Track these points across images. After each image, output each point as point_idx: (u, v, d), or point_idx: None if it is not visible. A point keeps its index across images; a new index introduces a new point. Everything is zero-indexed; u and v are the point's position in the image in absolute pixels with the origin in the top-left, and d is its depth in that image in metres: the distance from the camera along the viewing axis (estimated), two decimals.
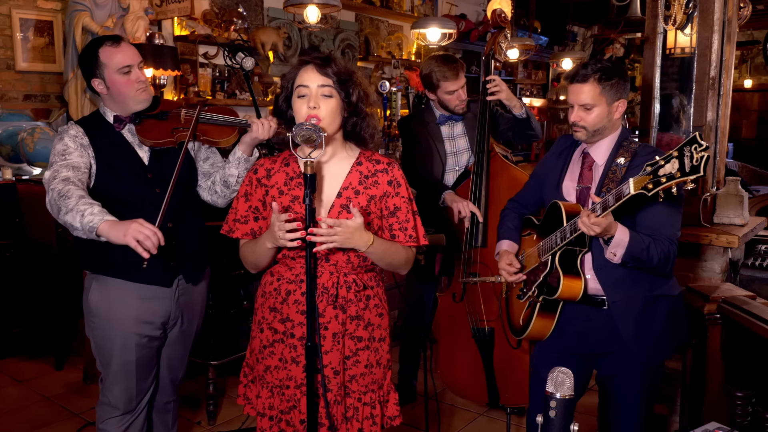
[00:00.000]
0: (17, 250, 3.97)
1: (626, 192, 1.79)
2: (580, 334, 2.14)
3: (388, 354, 1.98)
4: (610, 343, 2.09)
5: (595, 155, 2.13)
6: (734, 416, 2.27)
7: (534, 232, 2.28)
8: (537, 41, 7.61)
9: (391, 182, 1.91)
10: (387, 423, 1.96)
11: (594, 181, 2.12)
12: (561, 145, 2.30)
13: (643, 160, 2.01)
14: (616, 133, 2.12)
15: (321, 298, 1.84)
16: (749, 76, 10.29)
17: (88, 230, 1.87)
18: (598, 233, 1.88)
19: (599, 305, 2.09)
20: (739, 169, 7.13)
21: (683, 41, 3.21)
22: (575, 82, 2.07)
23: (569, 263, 2.05)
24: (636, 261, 1.95)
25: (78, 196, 1.94)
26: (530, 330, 2.19)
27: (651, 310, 2.07)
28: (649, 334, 2.07)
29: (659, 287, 2.08)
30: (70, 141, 2.13)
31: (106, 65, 2.14)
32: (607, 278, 2.05)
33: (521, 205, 2.42)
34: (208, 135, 2.28)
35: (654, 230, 1.98)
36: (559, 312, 2.16)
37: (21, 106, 4.34)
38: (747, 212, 3.08)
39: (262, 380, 1.94)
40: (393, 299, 3.02)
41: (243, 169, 2.31)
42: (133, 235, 1.83)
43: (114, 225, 1.86)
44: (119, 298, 2.17)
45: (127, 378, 2.22)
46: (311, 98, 1.81)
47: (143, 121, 2.22)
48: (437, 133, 3.21)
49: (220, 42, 4.98)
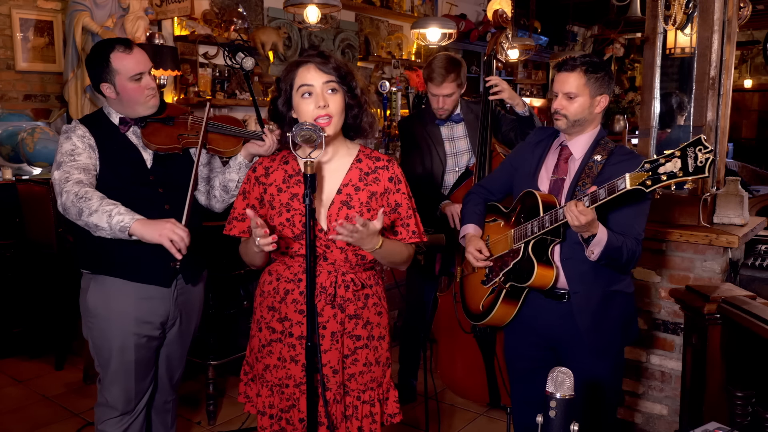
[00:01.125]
0: (17, 250, 3.97)
1: (621, 186, 1.84)
2: (543, 326, 2.21)
3: (388, 352, 1.98)
4: (571, 334, 2.16)
5: (573, 148, 2.18)
6: (734, 416, 2.27)
7: (501, 219, 2.31)
8: (537, 41, 7.61)
9: (392, 179, 1.92)
10: (387, 420, 1.96)
11: (569, 174, 2.16)
12: (538, 137, 2.33)
13: (620, 159, 2.11)
14: (595, 130, 2.18)
15: (319, 298, 1.84)
16: (749, 76, 10.29)
17: (119, 230, 1.91)
18: (582, 224, 1.91)
19: (560, 298, 2.16)
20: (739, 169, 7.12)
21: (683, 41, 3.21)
22: (563, 71, 2.14)
23: (541, 252, 2.10)
24: (609, 259, 2.02)
25: (99, 197, 1.97)
26: (492, 316, 2.24)
27: (607, 304, 2.15)
28: (603, 327, 2.15)
29: (617, 283, 2.16)
30: (78, 141, 2.12)
31: (118, 71, 2.12)
32: (572, 270, 2.12)
33: (488, 191, 2.44)
34: (214, 144, 2.28)
35: (624, 229, 2.05)
36: (521, 301, 2.21)
37: (21, 106, 4.34)
38: (747, 212, 3.08)
39: (261, 379, 1.94)
40: (393, 299, 3.03)
41: (243, 173, 2.32)
42: (168, 236, 1.88)
43: (147, 224, 1.91)
44: (118, 298, 2.16)
45: (125, 378, 2.22)
46: (319, 97, 1.79)
47: (149, 124, 2.22)
48: (437, 134, 3.20)
49: (220, 42, 4.98)
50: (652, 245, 2.98)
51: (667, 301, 2.95)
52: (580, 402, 2.29)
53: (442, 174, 3.20)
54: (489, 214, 2.40)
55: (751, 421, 2.23)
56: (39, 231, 3.78)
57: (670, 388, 3.00)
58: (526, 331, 2.26)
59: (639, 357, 3.08)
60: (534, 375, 2.25)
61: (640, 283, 3.05)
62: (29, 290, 3.98)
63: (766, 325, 2.15)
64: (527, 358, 2.29)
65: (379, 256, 1.85)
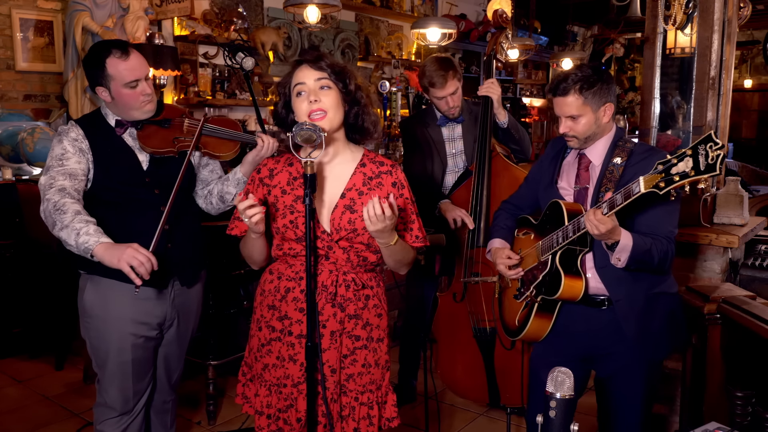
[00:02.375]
0: (17, 250, 3.97)
1: (636, 191, 1.78)
2: (579, 334, 2.14)
3: (387, 355, 1.97)
4: (612, 344, 2.09)
5: (592, 156, 2.13)
6: (734, 416, 2.27)
7: (531, 232, 2.27)
8: (537, 41, 7.61)
9: (396, 183, 1.92)
10: (385, 424, 1.95)
11: (591, 182, 2.12)
12: (554, 148, 2.30)
13: (639, 158, 2.03)
14: (610, 133, 2.13)
15: (320, 296, 1.84)
16: (749, 76, 10.29)
17: (83, 251, 1.90)
18: (602, 233, 1.86)
19: (599, 305, 2.09)
20: (739, 169, 7.13)
21: (683, 41, 3.21)
22: (558, 95, 2.08)
23: (570, 263, 2.05)
24: (639, 263, 1.96)
25: (74, 212, 1.95)
26: (527, 330, 2.18)
27: (652, 307, 2.07)
28: (650, 331, 2.07)
29: (659, 285, 2.09)
30: (68, 145, 2.11)
31: (113, 77, 2.10)
32: (610, 277, 2.05)
33: (516, 207, 2.42)
34: (209, 148, 2.27)
35: (653, 229, 1.98)
36: (556, 313, 2.16)
37: (21, 106, 4.34)
38: (747, 212, 3.08)
39: (260, 378, 1.94)
40: (393, 299, 3.03)
41: (242, 189, 2.31)
42: (127, 261, 1.86)
43: (109, 248, 1.88)
44: (115, 299, 2.16)
45: (123, 379, 2.22)
46: (310, 93, 1.81)
47: (145, 127, 2.21)
48: (438, 135, 3.20)
49: (220, 42, 4.98)
50: None
51: None
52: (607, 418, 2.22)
53: (442, 174, 3.21)
54: (521, 227, 2.35)
55: (751, 421, 2.23)
56: (39, 231, 3.78)
57: (670, 388, 3.00)
58: (561, 341, 2.18)
59: None
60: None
61: None
62: (29, 290, 3.98)
63: (766, 325, 2.15)
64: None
65: (391, 252, 1.84)
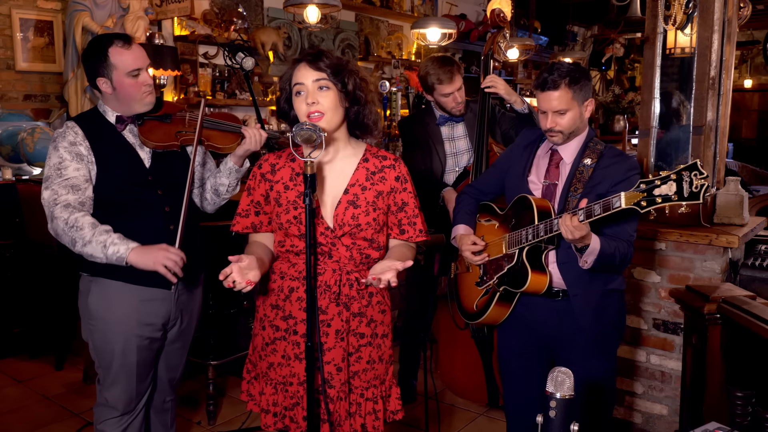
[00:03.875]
0: (17, 250, 3.97)
1: (617, 205, 1.83)
2: (539, 324, 2.22)
3: (390, 350, 2.00)
4: (568, 334, 2.17)
5: (564, 153, 2.18)
6: (734, 416, 2.27)
7: (495, 220, 2.31)
8: (537, 41, 7.60)
9: (399, 178, 1.93)
10: (389, 417, 1.98)
11: (561, 179, 2.17)
12: (527, 139, 2.33)
13: (609, 162, 2.12)
14: (584, 133, 2.19)
15: (324, 296, 1.85)
16: (749, 76, 10.29)
17: (116, 260, 1.97)
18: (576, 238, 1.91)
19: (555, 296, 2.17)
20: (739, 169, 7.12)
21: (683, 41, 3.20)
22: (546, 90, 2.09)
23: (535, 258, 2.12)
24: (603, 266, 2.04)
25: (90, 225, 2.00)
26: (486, 317, 2.27)
27: (605, 303, 2.17)
28: (604, 324, 2.17)
29: (612, 282, 2.18)
30: (64, 152, 2.08)
31: (116, 66, 2.10)
32: (570, 273, 2.13)
33: (479, 191, 2.44)
34: (212, 141, 2.27)
35: (616, 233, 2.06)
36: (515, 302, 2.23)
37: (21, 106, 4.34)
38: (747, 212, 3.08)
39: (265, 377, 1.94)
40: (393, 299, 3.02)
41: (234, 179, 2.32)
42: (162, 263, 1.94)
43: (140, 253, 1.97)
44: (120, 301, 2.15)
45: (127, 380, 2.21)
46: (308, 94, 1.81)
47: (146, 122, 2.19)
48: (437, 134, 3.20)
49: (220, 42, 4.98)
50: (651, 245, 2.99)
51: (667, 301, 2.95)
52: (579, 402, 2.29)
53: (441, 174, 3.21)
54: (483, 213, 2.40)
55: (751, 421, 2.23)
56: (39, 231, 3.78)
57: (670, 388, 3.00)
58: (521, 329, 2.27)
59: (639, 357, 3.08)
60: (527, 373, 2.26)
61: (640, 283, 3.05)
62: (29, 290, 3.98)
63: (766, 325, 2.15)
64: (520, 356, 2.30)
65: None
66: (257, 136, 2.23)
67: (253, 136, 2.23)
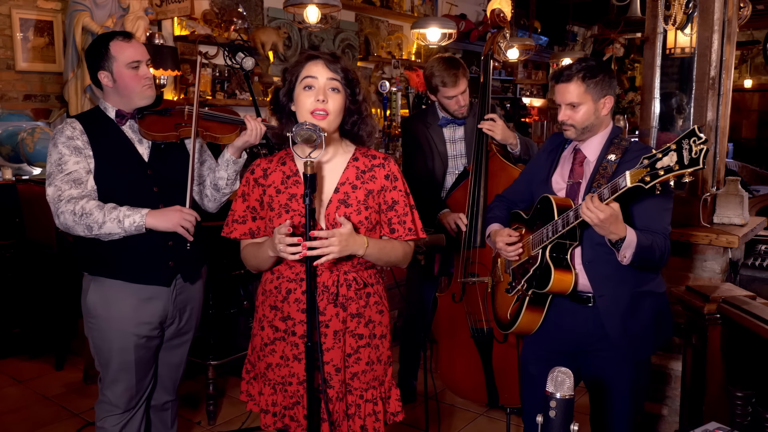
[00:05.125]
0: (17, 250, 3.97)
1: (622, 185, 1.80)
2: (567, 330, 2.16)
3: (389, 351, 1.99)
4: (596, 341, 2.11)
5: (587, 151, 2.15)
6: (734, 416, 2.27)
7: (522, 227, 2.28)
8: (537, 41, 7.60)
9: (388, 176, 1.92)
10: (389, 419, 1.97)
11: (585, 177, 2.14)
12: (552, 143, 2.32)
13: (633, 155, 2.03)
14: (607, 129, 2.15)
15: (321, 297, 1.85)
16: (749, 76, 10.29)
17: (136, 229, 2.06)
18: (601, 219, 1.85)
19: (585, 302, 2.11)
20: (739, 169, 7.12)
21: (683, 41, 3.21)
22: (560, 82, 2.10)
23: (560, 256, 2.08)
24: (643, 260, 1.96)
25: (98, 208, 2.06)
26: (518, 324, 2.21)
27: (636, 306, 2.09)
28: (634, 330, 2.09)
29: (646, 284, 2.10)
30: (63, 147, 2.12)
31: (116, 58, 2.15)
32: (595, 273, 2.07)
33: (509, 201, 2.43)
34: (211, 131, 2.30)
35: (650, 226, 2.00)
36: (547, 306, 2.18)
37: (21, 106, 4.34)
38: (747, 212, 3.08)
39: (264, 377, 1.95)
40: (393, 299, 3.03)
41: (232, 171, 2.33)
42: (180, 224, 2.07)
43: (157, 216, 2.08)
44: (118, 299, 2.17)
45: (127, 377, 2.23)
46: (319, 91, 1.80)
47: (146, 116, 2.23)
48: (439, 135, 3.20)
49: (220, 42, 4.98)
50: None
51: None
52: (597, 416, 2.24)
53: (443, 175, 3.20)
54: (513, 222, 2.37)
55: (751, 421, 2.23)
56: (39, 231, 3.78)
57: (669, 388, 3.00)
58: (548, 335, 2.21)
59: None
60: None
61: None
62: (29, 290, 3.98)
63: (766, 325, 2.15)
64: (543, 362, 2.21)
65: (372, 257, 1.86)
66: (258, 129, 2.26)
67: (255, 128, 2.25)
